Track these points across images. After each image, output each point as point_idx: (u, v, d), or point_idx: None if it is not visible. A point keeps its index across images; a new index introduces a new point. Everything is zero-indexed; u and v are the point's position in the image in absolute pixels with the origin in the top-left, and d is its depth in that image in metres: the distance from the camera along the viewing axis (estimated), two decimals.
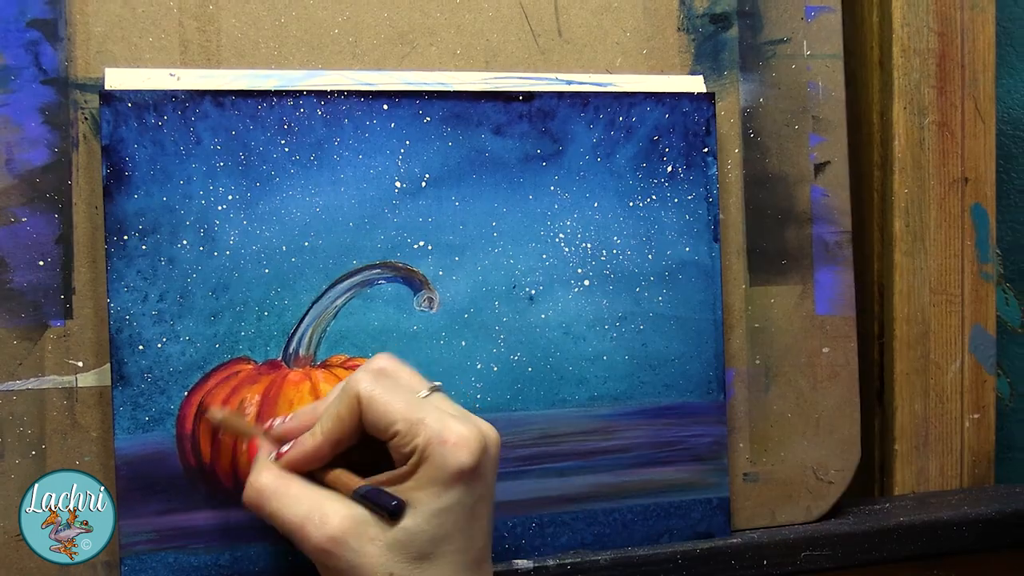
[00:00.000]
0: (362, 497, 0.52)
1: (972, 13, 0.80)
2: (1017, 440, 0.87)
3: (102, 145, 0.59)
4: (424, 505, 0.51)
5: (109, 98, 0.59)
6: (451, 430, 0.51)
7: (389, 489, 0.52)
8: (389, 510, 0.51)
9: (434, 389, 0.55)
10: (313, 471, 0.55)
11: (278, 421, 0.57)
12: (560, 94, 0.67)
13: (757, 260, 0.73)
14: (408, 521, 0.51)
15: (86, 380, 0.60)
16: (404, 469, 0.52)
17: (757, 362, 0.73)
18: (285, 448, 0.55)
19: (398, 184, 0.64)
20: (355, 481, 0.53)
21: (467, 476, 0.51)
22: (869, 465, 0.82)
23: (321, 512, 0.52)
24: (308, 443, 0.54)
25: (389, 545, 0.51)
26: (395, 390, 0.53)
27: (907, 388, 0.80)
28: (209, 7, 0.63)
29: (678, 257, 0.69)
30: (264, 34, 0.64)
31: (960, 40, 0.80)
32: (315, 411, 0.56)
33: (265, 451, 0.56)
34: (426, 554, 0.51)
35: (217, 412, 0.59)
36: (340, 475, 0.54)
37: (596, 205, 0.68)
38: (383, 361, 0.56)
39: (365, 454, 0.55)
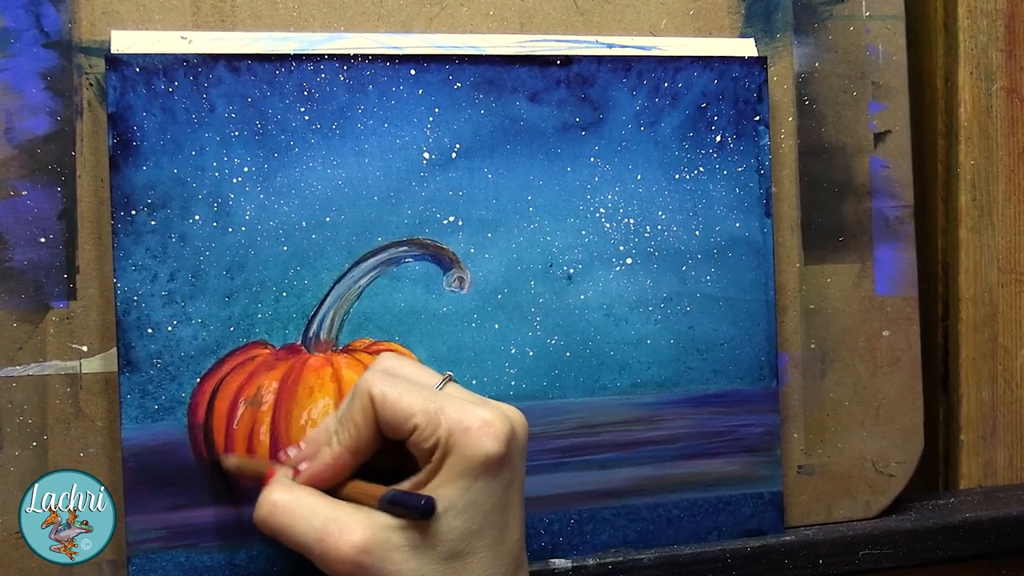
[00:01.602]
0: (389, 503, 0.50)
1: None
2: None
3: (108, 113, 0.58)
4: (452, 500, 0.50)
5: (116, 62, 0.58)
6: (473, 416, 0.50)
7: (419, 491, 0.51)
8: (419, 509, 0.49)
9: (447, 379, 0.54)
10: (332, 488, 0.53)
11: (292, 451, 0.55)
12: (600, 58, 0.65)
13: (812, 236, 0.71)
14: (436, 520, 0.50)
15: (91, 366, 0.59)
16: (428, 468, 0.50)
17: (812, 346, 0.71)
18: (303, 466, 0.54)
19: (426, 155, 0.62)
20: (378, 489, 0.51)
21: (495, 464, 0.50)
22: (932, 457, 0.81)
23: (340, 524, 0.50)
24: (327, 456, 0.53)
25: (418, 548, 0.50)
26: (407, 385, 0.52)
27: (973, 374, 0.78)
28: None
29: (727, 233, 0.67)
30: None
31: None
32: (328, 431, 0.54)
33: (281, 473, 0.54)
34: (458, 552, 0.50)
35: (231, 460, 0.58)
36: (361, 486, 0.53)
37: (639, 178, 0.66)
38: (388, 360, 0.55)
39: (384, 464, 0.54)
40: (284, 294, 0.60)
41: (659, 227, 0.66)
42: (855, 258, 0.72)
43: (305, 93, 0.60)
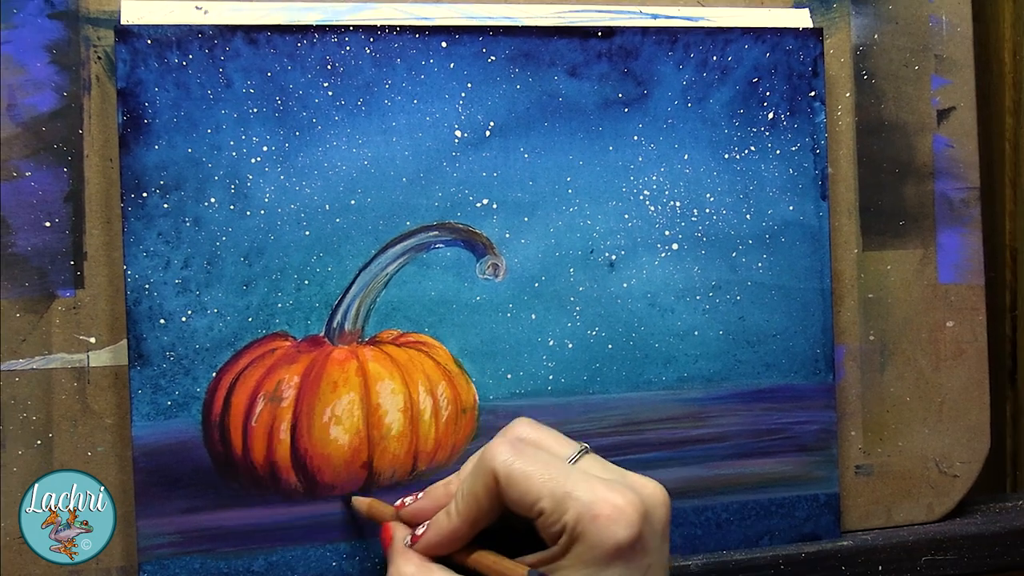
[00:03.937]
0: None
1: None
2: None
3: (118, 88, 0.57)
4: None
5: (126, 34, 0.57)
6: (603, 502, 0.48)
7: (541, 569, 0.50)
8: None
9: (583, 451, 0.53)
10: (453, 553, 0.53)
11: (409, 500, 0.55)
12: (645, 30, 0.64)
13: (871, 220, 0.70)
14: None
15: (99, 359, 0.58)
16: (555, 550, 0.49)
17: (871, 338, 0.69)
18: (420, 531, 0.53)
19: (458, 133, 0.61)
20: (515, 568, 0.50)
21: (625, 551, 0.48)
22: (1000, 456, 0.80)
23: None
24: (444, 525, 0.52)
25: None
26: (536, 460, 0.51)
27: None
28: None
29: (780, 217, 0.66)
30: None
31: None
32: (448, 487, 0.54)
33: (400, 536, 0.54)
34: None
35: (363, 502, 0.58)
36: (493, 560, 0.51)
37: (686, 157, 0.65)
38: (521, 427, 0.54)
39: (508, 523, 0.53)
40: (306, 282, 0.59)
41: (707, 210, 0.65)
42: (917, 244, 0.70)
43: (329, 67, 0.59)
